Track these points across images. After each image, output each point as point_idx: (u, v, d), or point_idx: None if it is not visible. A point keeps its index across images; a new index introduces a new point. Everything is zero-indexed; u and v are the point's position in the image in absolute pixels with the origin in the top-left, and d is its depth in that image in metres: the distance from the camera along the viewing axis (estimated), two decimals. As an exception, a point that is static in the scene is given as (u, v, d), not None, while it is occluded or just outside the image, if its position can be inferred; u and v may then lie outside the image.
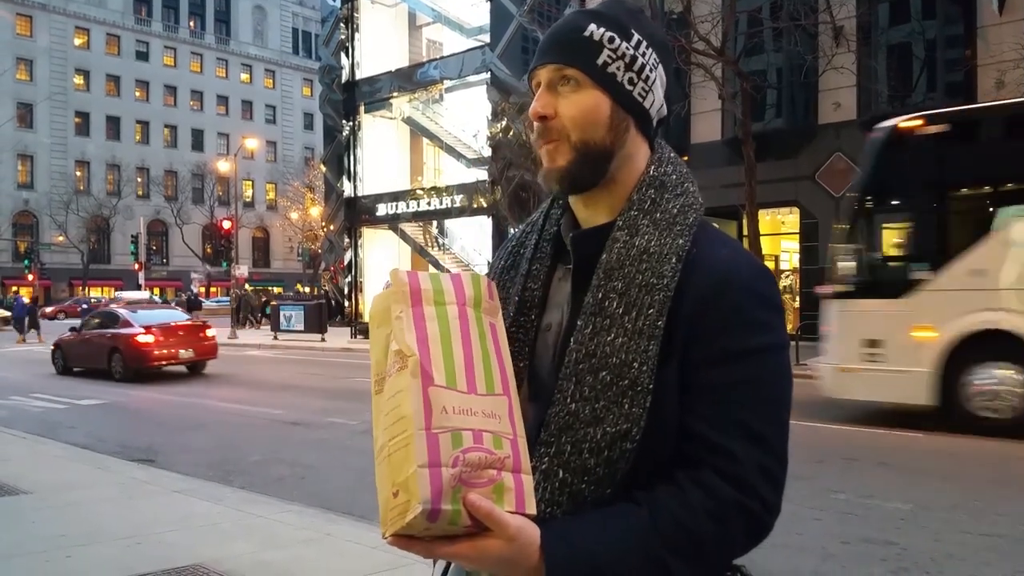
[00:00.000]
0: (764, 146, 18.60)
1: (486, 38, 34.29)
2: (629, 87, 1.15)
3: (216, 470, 7.57)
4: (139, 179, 61.49)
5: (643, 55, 1.16)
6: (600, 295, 1.10)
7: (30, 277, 45.31)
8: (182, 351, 16.34)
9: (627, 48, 1.15)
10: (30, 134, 56.55)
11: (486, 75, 33.10)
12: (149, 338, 16.00)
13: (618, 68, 1.14)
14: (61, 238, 52.40)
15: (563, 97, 1.14)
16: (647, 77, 1.16)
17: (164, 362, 16.19)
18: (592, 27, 1.15)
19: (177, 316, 18.27)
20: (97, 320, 17.84)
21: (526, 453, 1.00)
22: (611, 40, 1.14)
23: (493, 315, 1.07)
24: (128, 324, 16.49)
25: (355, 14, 38.20)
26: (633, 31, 1.16)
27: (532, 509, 0.97)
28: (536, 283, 1.21)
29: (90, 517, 5.53)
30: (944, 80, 18.74)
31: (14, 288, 50.76)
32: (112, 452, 8.33)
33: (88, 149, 59.25)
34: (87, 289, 53.12)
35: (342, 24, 38.99)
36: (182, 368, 17.01)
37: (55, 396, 13.57)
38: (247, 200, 62.80)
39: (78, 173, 58.66)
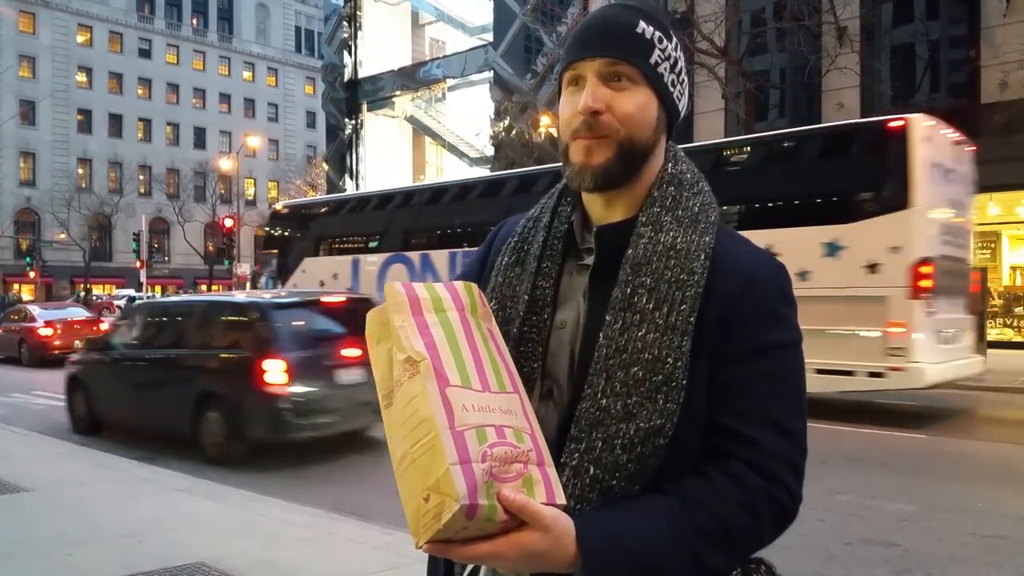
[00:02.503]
0: (767, 146, 18.56)
1: (489, 37, 34.30)
2: (671, 89, 1.16)
3: (217, 469, 7.55)
4: (141, 177, 61.45)
5: (680, 58, 1.17)
6: (628, 290, 1.10)
7: (32, 275, 45.34)
8: (76, 342, 19.08)
9: (671, 50, 1.16)
10: (32, 131, 56.51)
11: (489, 74, 33.10)
12: (49, 331, 19.18)
13: (665, 69, 1.15)
14: (63, 236, 52.36)
15: (616, 93, 1.12)
16: (683, 80, 1.18)
17: (62, 351, 18.47)
18: (643, 25, 1.14)
19: (77, 313, 21.36)
20: (14, 315, 21.18)
21: (545, 446, 1.00)
22: (660, 40, 1.14)
23: (488, 321, 1.09)
24: (33, 319, 19.68)
25: (358, 12, 38.17)
26: (672, 32, 1.16)
27: (562, 499, 0.98)
28: (548, 281, 1.20)
29: (91, 515, 5.52)
30: (948, 81, 18.74)
31: (16, 286, 50.80)
32: (113, 450, 8.32)
33: (90, 147, 59.19)
34: (88, 287, 53.13)
35: (345, 22, 38.99)
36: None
37: (56, 394, 13.55)
38: (249, 198, 62.71)
39: (80, 171, 58.60)
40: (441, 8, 38.70)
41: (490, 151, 31.12)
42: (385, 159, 38.00)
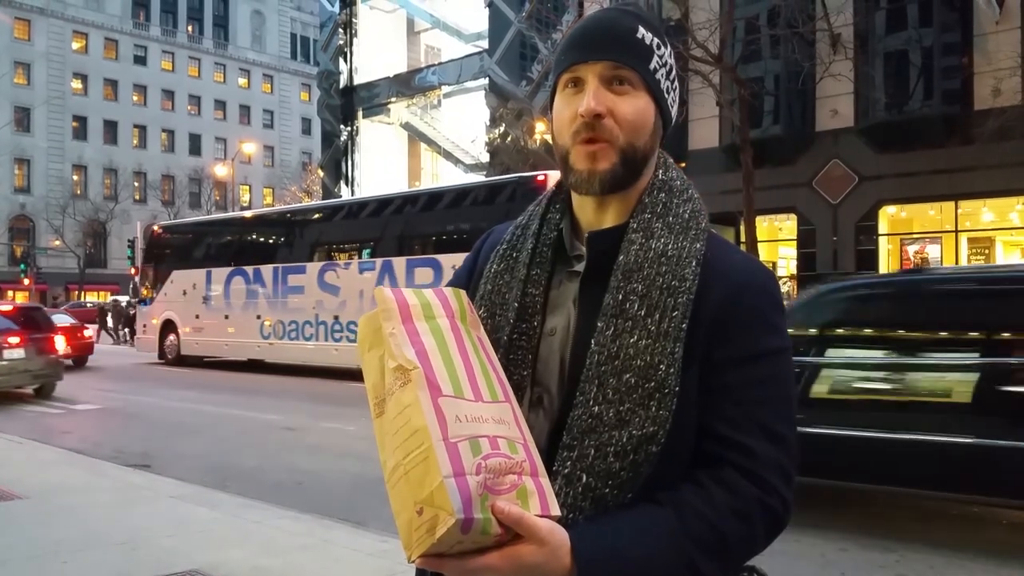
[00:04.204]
0: (762, 153, 18.64)
1: (484, 44, 34.37)
2: (666, 95, 1.16)
3: (212, 476, 7.53)
4: (136, 183, 61.32)
5: (673, 65, 1.18)
6: (620, 297, 1.09)
7: (26, 282, 45.19)
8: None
9: (667, 56, 1.16)
10: (27, 138, 56.40)
11: (484, 81, 33.16)
12: None
13: (662, 76, 1.15)
14: (58, 242, 52.26)
15: (617, 97, 1.12)
16: (676, 87, 1.19)
17: None
18: (642, 30, 1.14)
19: (62, 320, 22.84)
20: None
21: (538, 456, 0.99)
22: (658, 46, 1.15)
23: (476, 328, 1.08)
24: None
25: (353, 19, 38.23)
26: (665, 39, 1.17)
27: (556, 511, 0.96)
28: (537, 288, 1.19)
29: (86, 522, 5.50)
30: (941, 87, 18.81)
31: (10, 293, 50.64)
32: (108, 457, 8.29)
33: (85, 153, 59.10)
34: (83, 294, 52.99)
35: (340, 29, 39.04)
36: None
37: (50, 401, 13.52)
38: (244, 205, 62.61)
39: (75, 177, 58.51)
40: (436, 15, 38.78)
41: (485, 157, 31.15)
42: (381, 165, 38.03)
